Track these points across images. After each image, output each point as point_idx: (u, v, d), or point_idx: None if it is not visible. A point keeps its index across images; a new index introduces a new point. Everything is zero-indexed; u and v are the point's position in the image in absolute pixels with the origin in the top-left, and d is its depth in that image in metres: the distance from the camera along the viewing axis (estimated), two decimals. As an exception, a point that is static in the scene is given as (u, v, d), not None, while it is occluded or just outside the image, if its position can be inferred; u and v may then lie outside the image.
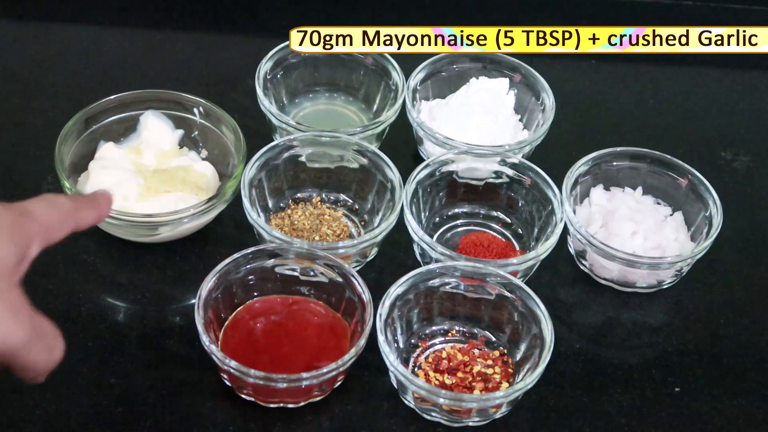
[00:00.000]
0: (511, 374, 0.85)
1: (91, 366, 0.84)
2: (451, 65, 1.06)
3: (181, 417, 0.81)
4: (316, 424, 0.82)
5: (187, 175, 0.93)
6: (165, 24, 1.18)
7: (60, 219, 0.63)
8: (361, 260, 0.92)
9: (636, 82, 1.18)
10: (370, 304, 0.82)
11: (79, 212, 0.65)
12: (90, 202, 0.67)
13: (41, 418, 0.80)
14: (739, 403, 0.86)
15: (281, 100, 1.05)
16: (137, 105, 0.97)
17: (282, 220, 0.95)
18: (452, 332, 0.89)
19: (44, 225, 0.62)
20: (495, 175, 0.97)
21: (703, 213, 0.95)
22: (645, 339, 0.91)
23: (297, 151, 0.95)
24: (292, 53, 1.04)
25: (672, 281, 0.94)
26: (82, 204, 0.66)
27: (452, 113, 1.00)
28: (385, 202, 0.94)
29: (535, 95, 1.04)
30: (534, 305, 0.84)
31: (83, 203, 0.66)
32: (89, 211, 0.67)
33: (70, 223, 0.64)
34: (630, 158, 0.98)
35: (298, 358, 0.82)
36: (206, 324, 0.81)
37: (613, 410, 0.85)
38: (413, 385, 0.79)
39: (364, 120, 1.06)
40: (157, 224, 0.89)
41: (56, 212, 0.63)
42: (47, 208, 0.62)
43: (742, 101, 1.17)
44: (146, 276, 0.91)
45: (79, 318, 0.87)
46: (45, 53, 1.13)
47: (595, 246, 0.90)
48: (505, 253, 0.93)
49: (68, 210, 0.64)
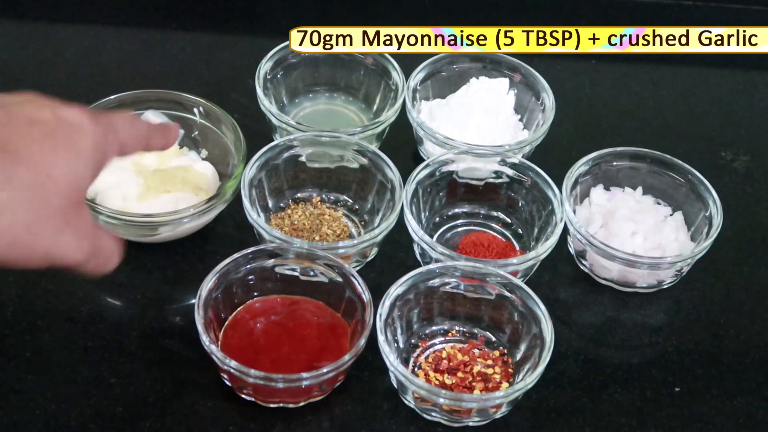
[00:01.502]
0: (511, 374, 0.85)
1: (91, 366, 0.84)
2: (451, 65, 1.06)
3: (181, 417, 0.81)
4: (316, 424, 0.82)
5: (187, 175, 0.93)
6: (165, 24, 1.18)
7: (137, 138, 0.69)
8: (361, 260, 0.92)
9: (636, 82, 1.18)
10: (370, 304, 0.82)
11: (152, 137, 0.71)
12: (162, 131, 0.73)
13: (41, 418, 0.80)
14: (739, 403, 0.86)
15: (281, 100, 1.05)
16: (137, 105, 0.97)
17: (282, 220, 0.95)
18: (452, 332, 0.89)
19: (123, 142, 0.67)
20: (495, 175, 0.97)
21: (703, 213, 0.95)
22: (645, 339, 0.91)
23: (297, 151, 0.95)
24: (292, 53, 1.04)
25: (672, 281, 0.94)
26: (156, 130, 0.72)
27: (452, 113, 1.00)
28: (385, 202, 0.94)
29: (535, 95, 1.04)
30: (534, 305, 0.84)
31: (157, 130, 0.72)
32: (159, 137, 0.72)
33: (142, 144, 0.70)
34: (630, 158, 0.98)
35: (298, 358, 0.82)
36: (206, 324, 0.81)
37: (613, 410, 0.85)
38: (413, 385, 0.79)
39: (364, 120, 1.06)
40: (157, 224, 0.89)
41: (135, 132, 0.69)
42: (129, 127, 0.68)
43: (742, 101, 1.17)
44: (146, 276, 0.91)
45: (79, 318, 0.87)
46: (45, 53, 1.13)
47: (595, 246, 0.90)
48: (505, 253, 0.93)
49: (144, 133, 0.70)
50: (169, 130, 0.74)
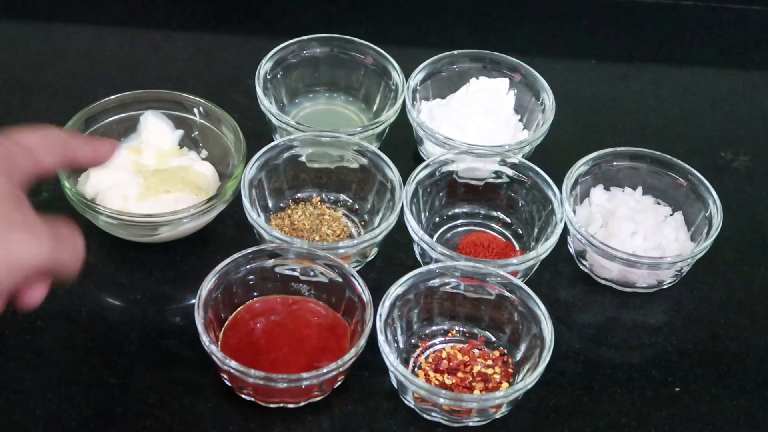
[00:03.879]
0: (511, 374, 0.85)
1: (91, 366, 0.84)
2: (451, 65, 1.05)
3: (181, 417, 0.81)
4: (316, 424, 0.82)
5: (187, 175, 0.93)
6: (165, 24, 1.18)
7: (51, 149, 0.67)
8: (361, 260, 0.92)
9: (636, 82, 1.18)
10: (370, 304, 0.82)
11: (73, 146, 0.69)
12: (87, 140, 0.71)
13: (41, 418, 0.80)
14: (739, 403, 0.86)
15: (281, 100, 1.05)
16: (137, 105, 0.97)
17: (282, 220, 0.95)
18: (452, 332, 0.89)
19: (35, 154, 0.65)
20: (495, 175, 0.97)
21: (703, 213, 0.95)
22: (645, 339, 0.91)
23: (297, 151, 0.95)
24: (292, 53, 1.04)
25: (672, 281, 0.94)
26: (78, 139, 0.70)
27: (452, 113, 1.00)
28: (385, 202, 0.94)
29: (535, 95, 1.04)
30: (534, 305, 0.84)
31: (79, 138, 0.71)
32: (86, 151, 0.70)
33: (64, 158, 0.68)
34: (630, 158, 0.98)
35: (298, 358, 0.82)
36: (206, 324, 0.81)
37: (613, 410, 0.85)
38: (413, 385, 0.79)
39: (364, 120, 1.06)
40: (157, 224, 0.89)
41: (48, 142, 0.67)
42: (39, 138, 0.66)
43: (742, 101, 1.17)
44: (146, 276, 0.91)
45: (79, 318, 0.87)
46: (45, 53, 1.13)
47: (595, 246, 0.90)
48: (505, 253, 0.93)
49: (61, 141, 0.68)
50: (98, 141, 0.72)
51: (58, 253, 0.61)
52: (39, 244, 0.60)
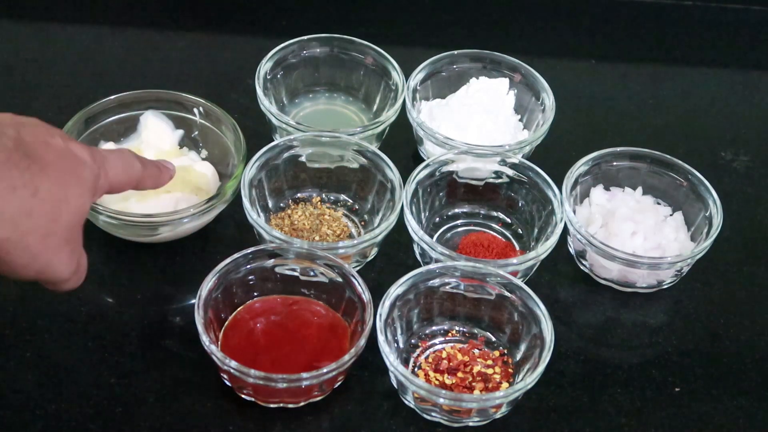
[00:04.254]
0: (511, 374, 0.85)
1: (91, 366, 0.84)
2: (451, 65, 1.05)
3: (181, 417, 0.81)
4: (316, 424, 0.82)
5: (187, 175, 0.93)
6: (165, 24, 1.18)
7: (127, 180, 0.74)
8: (361, 260, 0.92)
9: (636, 82, 1.18)
10: (370, 304, 0.82)
11: (144, 179, 0.76)
12: (155, 174, 0.78)
13: (41, 418, 0.80)
14: (739, 403, 0.86)
15: (281, 100, 1.05)
16: (137, 105, 0.97)
17: (282, 220, 0.95)
18: (452, 332, 0.89)
19: (112, 181, 0.71)
20: (495, 175, 0.97)
21: (703, 213, 0.95)
22: (645, 339, 0.91)
23: (297, 151, 0.95)
24: (292, 53, 1.04)
25: (672, 281, 0.94)
26: (150, 173, 0.77)
27: (452, 113, 1.00)
28: (385, 202, 0.94)
29: (535, 95, 1.04)
30: (534, 305, 0.84)
31: (151, 172, 0.77)
32: (151, 180, 0.77)
33: (131, 185, 0.75)
34: (630, 158, 0.98)
35: (298, 358, 0.82)
36: (206, 324, 0.81)
37: (613, 410, 0.85)
38: (413, 385, 0.79)
39: (364, 120, 1.06)
40: (157, 224, 0.89)
41: (125, 175, 0.73)
42: (122, 168, 0.73)
43: (742, 101, 1.17)
44: (146, 276, 0.91)
45: (79, 318, 0.87)
46: (45, 53, 1.13)
47: (595, 246, 0.90)
48: (505, 253, 0.93)
49: (137, 175, 0.75)
50: (162, 173, 0.79)
51: (71, 278, 0.69)
52: (68, 266, 0.68)
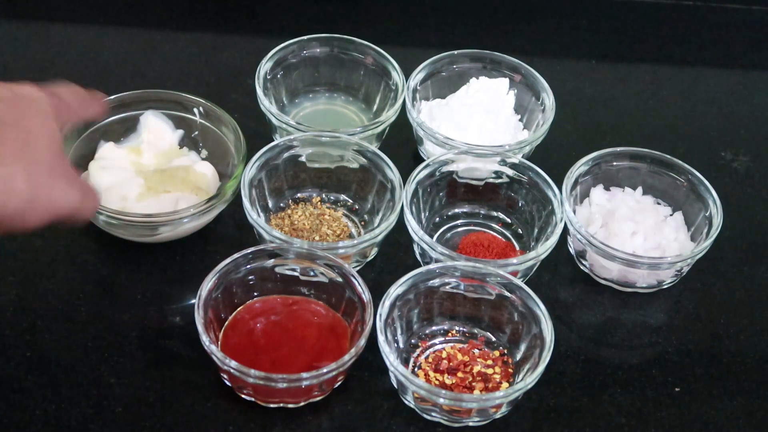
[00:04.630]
0: (511, 374, 0.85)
1: (91, 366, 0.84)
2: (451, 65, 1.05)
3: (181, 417, 0.81)
4: (316, 424, 0.82)
5: (187, 175, 0.93)
6: (165, 24, 1.18)
7: (79, 103, 0.77)
8: (361, 260, 0.92)
9: (636, 82, 1.18)
10: (370, 304, 0.82)
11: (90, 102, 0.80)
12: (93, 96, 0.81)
13: (41, 418, 0.80)
14: (739, 403, 0.86)
15: (281, 100, 1.05)
16: (137, 105, 0.97)
17: (282, 220, 0.95)
18: (452, 332, 0.89)
19: (68, 104, 0.75)
20: (495, 175, 0.97)
21: (703, 213, 0.95)
22: (645, 339, 0.91)
23: (297, 151, 0.95)
24: (292, 53, 1.04)
25: (672, 281, 0.94)
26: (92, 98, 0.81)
27: (452, 113, 1.00)
28: (385, 202, 0.94)
29: (535, 95, 1.04)
30: (534, 305, 0.84)
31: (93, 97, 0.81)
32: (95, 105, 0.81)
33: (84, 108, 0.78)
34: (630, 158, 0.98)
35: (298, 358, 0.82)
36: (206, 324, 0.81)
37: (613, 410, 0.85)
38: (413, 385, 0.79)
39: (364, 120, 1.06)
40: (157, 224, 0.89)
41: (76, 97, 0.77)
42: (70, 93, 0.76)
43: (742, 101, 1.17)
44: (146, 276, 0.91)
45: (79, 318, 0.87)
46: (45, 53, 1.13)
47: (595, 246, 0.90)
48: (505, 253, 0.93)
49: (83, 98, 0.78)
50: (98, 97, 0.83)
51: (83, 204, 0.71)
52: (72, 193, 0.70)
